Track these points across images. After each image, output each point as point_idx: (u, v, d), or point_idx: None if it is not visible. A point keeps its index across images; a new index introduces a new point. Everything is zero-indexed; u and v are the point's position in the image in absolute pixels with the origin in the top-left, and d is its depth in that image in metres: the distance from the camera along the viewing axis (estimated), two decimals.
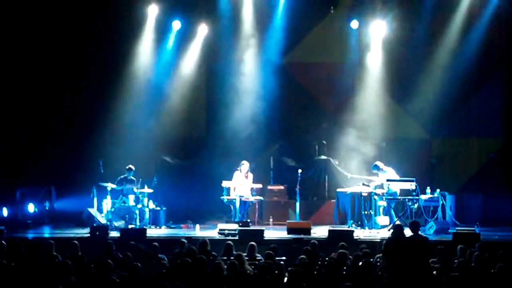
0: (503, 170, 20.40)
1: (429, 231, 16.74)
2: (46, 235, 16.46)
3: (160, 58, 20.67)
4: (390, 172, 17.89)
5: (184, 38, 20.78)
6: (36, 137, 20.01)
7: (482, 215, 19.05)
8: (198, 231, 17.32)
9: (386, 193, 17.51)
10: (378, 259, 12.58)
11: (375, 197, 17.62)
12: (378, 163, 18.06)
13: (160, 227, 18.23)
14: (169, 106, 20.54)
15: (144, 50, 20.54)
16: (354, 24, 20.65)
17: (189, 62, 20.87)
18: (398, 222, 16.38)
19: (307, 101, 21.13)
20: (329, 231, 15.93)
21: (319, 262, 12.20)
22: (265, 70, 20.62)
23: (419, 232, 12.32)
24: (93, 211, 17.71)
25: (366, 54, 20.78)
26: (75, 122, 20.25)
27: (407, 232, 12.62)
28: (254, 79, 20.62)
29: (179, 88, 20.72)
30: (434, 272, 10.92)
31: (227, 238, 15.24)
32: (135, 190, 17.87)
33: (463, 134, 20.76)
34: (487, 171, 20.57)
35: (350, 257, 12.63)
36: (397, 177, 17.76)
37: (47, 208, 19.54)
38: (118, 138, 19.66)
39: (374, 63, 20.73)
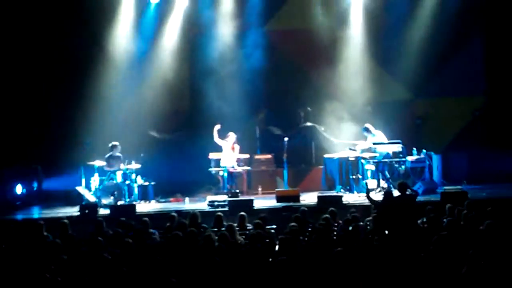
0: (487, 127, 20.47)
1: None
2: (36, 216, 16.44)
3: (141, 32, 20.52)
4: (379, 135, 17.91)
5: (164, 10, 20.64)
6: (20, 117, 19.92)
7: (469, 173, 19.09)
8: (188, 204, 17.35)
9: (378, 157, 17.48)
10: (368, 223, 12.66)
11: (362, 161, 17.67)
12: (368, 125, 18.06)
13: (150, 202, 18.23)
14: (152, 80, 20.41)
15: (124, 26, 20.37)
16: None
17: (170, 35, 20.71)
18: (385, 185, 16.47)
19: (290, 68, 21.00)
20: (318, 197, 15.99)
21: (309, 229, 12.25)
22: (246, 39, 20.51)
23: (407, 192, 12.41)
24: (82, 189, 17.67)
25: (347, 17, 20.69)
26: (59, 101, 20.09)
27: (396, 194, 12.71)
28: (235, 49, 20.51)
29: (161, 61, 20.59)
30: (424, 232, 11.01)
31: (217, 209, 15.27)
32: (122, 166, 17.84)
33: (446, 93, 20.74)
34: (472, 129, 20.63)
35: (340, 221, 12.72)
36: (386, 140, 17.78)
37: (35, 188, 19.48)
38: (103, 115, 19.54)
39: (356, 26, 20.66)
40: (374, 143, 17.64)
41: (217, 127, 17.96)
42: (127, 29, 20.42)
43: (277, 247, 10.40)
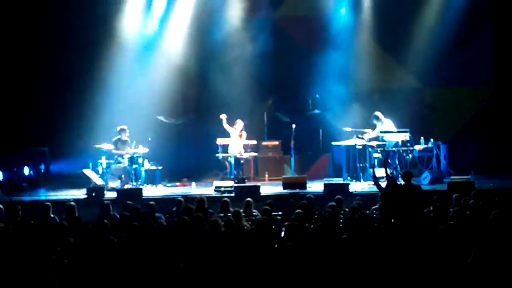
0: (495, 117, 20.43)
1: (424, 181, 16.79)
2: (43, 198, 16.47)
3: (149, 16, 20.48)
4: (388, 124, 17.86)
5: None
6: (29, 100, 19.96)
7: (476, 163, 19.05)
8: (194, 189, 17.38)
9: (387, 145, 17.45)
10: (374, 211, 12.66)
11: (370, 149, 17.63)
12: (378, 113, 17.99)
13: (156, 186, 18.25)
14: (161, 64, 20.36)
15: (133, 10, 20.31)
16: None
17: (179, 19, 20.66)
18: (389, 172, 16.40)
19: (299, 55, 20.96)
20: (325, 184, 15.98)
21: (316, 216, 12.26)
22: (256, 25, 20.45)
23: (412, 182, 12.38)
24: (89, 172, 17.71)
25: (357, 5, 20.64)
26: (68, 83, 20.10)
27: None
28: (245, 35, 20.45)
29: (170, 46, 20.55)
30: (430, 221, 11.00)
31: (223, 195, 15.29)
32: (129, 150, 17.86)
33: (454, 83, 20.73)
34: (480, 119, 20.62)
35: (346, 209, 12.72)
36: (394, 129, 17.74)
37: (42, 170, 19.53)
38: (111, 98, 19.53)
39: (365, 14, 20.60)
40: (381, 132, 17.61)
41: (223, 116, 17.94)
42: (136, 13, 20.36)
43: (283, 234, 10.41)
